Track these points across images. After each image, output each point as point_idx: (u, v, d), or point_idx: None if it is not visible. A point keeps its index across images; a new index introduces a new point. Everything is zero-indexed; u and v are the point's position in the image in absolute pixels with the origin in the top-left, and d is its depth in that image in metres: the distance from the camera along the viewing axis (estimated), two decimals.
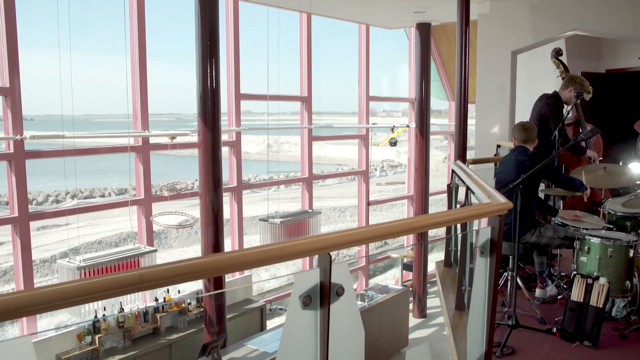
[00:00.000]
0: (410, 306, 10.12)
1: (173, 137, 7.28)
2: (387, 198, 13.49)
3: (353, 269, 10.77)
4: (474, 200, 3.60)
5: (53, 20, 5.85)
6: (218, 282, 7.11)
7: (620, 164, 6.76)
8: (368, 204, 10.55)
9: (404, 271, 11.22)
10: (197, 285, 7.96)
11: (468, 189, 3.82)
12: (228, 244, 8.10)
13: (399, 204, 25.87)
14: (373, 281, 13.38)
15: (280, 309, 8.18)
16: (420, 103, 9.90)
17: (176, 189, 7.43)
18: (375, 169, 33.96)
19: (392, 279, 16.60)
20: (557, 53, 5.62)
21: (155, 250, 6.39)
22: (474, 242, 3.91)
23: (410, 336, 9.40)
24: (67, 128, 6.25)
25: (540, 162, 4.07)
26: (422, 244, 10.01)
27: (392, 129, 9.80)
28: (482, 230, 2.73)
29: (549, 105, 5.29)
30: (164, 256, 21.59)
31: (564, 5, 7.84)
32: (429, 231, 9.21)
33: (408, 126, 10.55)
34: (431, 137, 10.39)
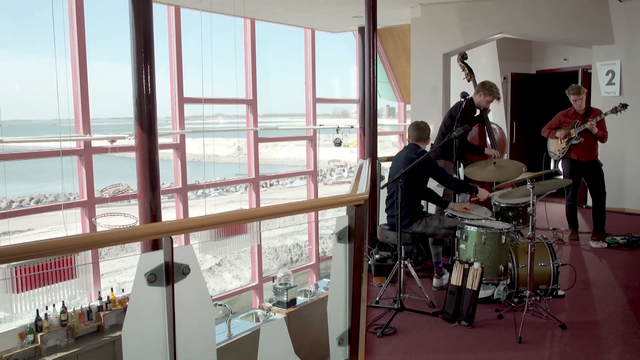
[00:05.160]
0: None
1: (113, 140, 7.48)
2: None
3: (303, 267, 11.06)
4: None
5: None
6: None
7: (552, 161, 7.14)
8: None
9: None
10: None
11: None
12: None
13: None
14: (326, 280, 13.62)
15: (220, 305, 8.39)
16: (363, 104, 10.23)
17: (120, 191, 7.62)
18: (344, 170, 34.24)
19: None
20: (462, 57, 5.96)
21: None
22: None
23: None
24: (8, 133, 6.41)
25: (427, 159, 4.42)
26: None
27: (337, 130, 10.12)
28: (338, 218, 3.03)
29: (461, 107, 5.60)
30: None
31: (490, 10, 8.25)
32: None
33: (352, 127, 10.89)
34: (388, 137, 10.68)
